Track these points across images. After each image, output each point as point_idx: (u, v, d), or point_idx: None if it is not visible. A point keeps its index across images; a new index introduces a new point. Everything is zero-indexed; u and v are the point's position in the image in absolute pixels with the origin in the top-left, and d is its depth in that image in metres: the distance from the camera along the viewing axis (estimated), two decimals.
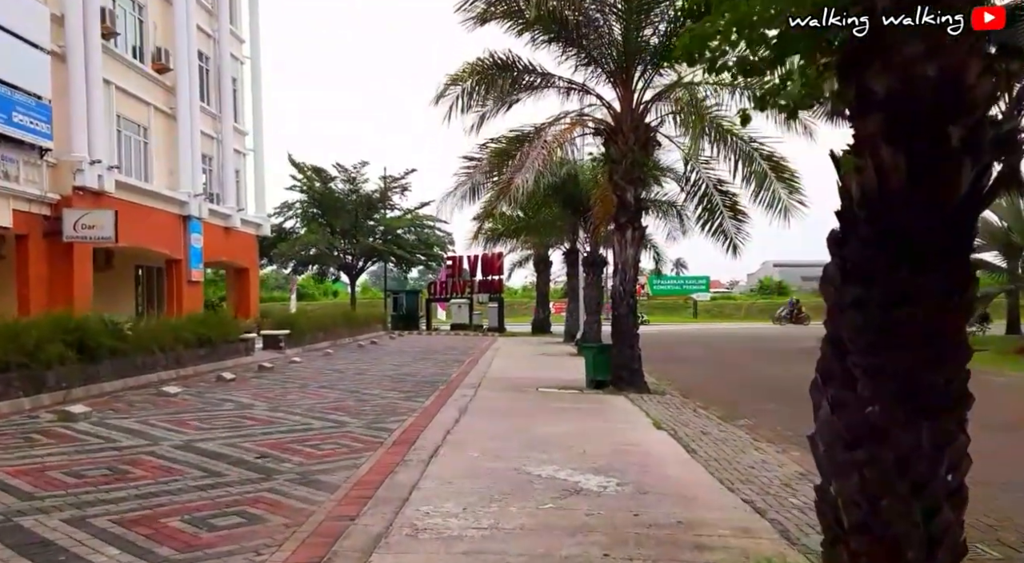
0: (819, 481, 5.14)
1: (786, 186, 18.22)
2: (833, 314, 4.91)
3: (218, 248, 35.44)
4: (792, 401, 17.77)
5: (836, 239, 4.82)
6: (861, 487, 4.66)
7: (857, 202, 4.60)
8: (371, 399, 15.28)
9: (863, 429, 4.65)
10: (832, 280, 4.88)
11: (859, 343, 4.65)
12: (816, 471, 5.27)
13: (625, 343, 17.86)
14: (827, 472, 4.97)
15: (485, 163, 18.61)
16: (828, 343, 4.97)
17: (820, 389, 5.07)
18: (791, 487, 8.55)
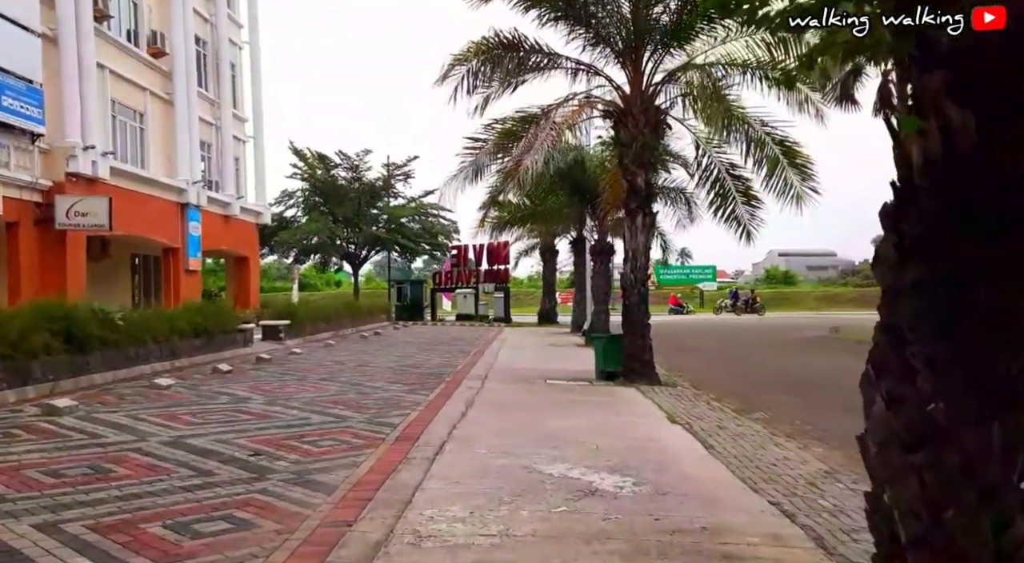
0: (870, 487, 4.59)
1: (798, 172, 17.66)
2: (888, 298, 4.38)
3: (217, 237, 35.00)
4: (806, 392, 17.49)
5: (891, 213, 4.30)
6: (921, 495, 4.13)
7: (918, 169, 4.08)
8: (373, 392, 14.79)
9: (924, 428, 4.12)
10: (887, 260, 4.34)
11: (920, 330, 4.12)
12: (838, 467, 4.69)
13: (636, 333, 17.36)
14: (881, 478, 4.43)
15: (491, 144, 18.05)
16: (882, 331, 4.44)
17: (872, 383, 4.54)
18: (818, 487, 8.05)
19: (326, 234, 52.91)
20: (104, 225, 23.00)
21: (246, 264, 39.57)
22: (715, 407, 14.06)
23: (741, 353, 28.98)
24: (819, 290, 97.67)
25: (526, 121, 17.57)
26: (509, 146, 17.52)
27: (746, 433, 11.23)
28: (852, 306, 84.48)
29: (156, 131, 30.72)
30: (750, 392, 16.96)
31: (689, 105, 18.07)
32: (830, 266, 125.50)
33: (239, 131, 39.63)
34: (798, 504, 7.27)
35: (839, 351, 29.48)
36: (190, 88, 32.58)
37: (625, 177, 17.61)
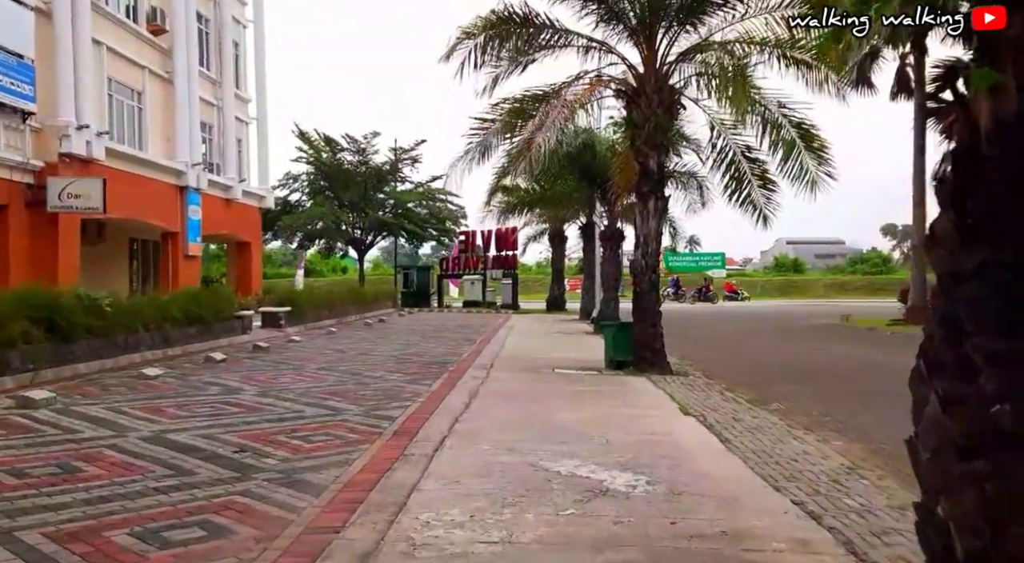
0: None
1: (814, 156, 17.06)
2: (945, 285, 3.87)
3: (218, 221, 34.55)
4: (820, 382, 16.99)
5: (951, 187, 3.78)
6: (981, 508, 3.62)
7: (987, 134, 3.57)
8: (373, 383, 14.33)
9: (985, 433, 3.62)
10: (945, 241, 3.84)
11: (984, 322, 3.61)
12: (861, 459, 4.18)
13: (647, 321, 16.87)
14: (934, 487, 3.92)
15: (499, 124, 17.47)
16: (938, 323, 3.94)
17: (925, 381, 4.01)
18: (842, 484, 7.56)
19: (331, 219, 52.37)
20: (98, 208, 22.52)
21: (248, 249, 39.10)
22: (728, 398, 13.59)
23: (752, 341, 28.53)
24: (828, 278, 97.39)
25: (536, 99, 16.99)
26: (518, 125, 16.94)
27: (763, 426, 10.75)
28: (861, 294, 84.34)
29: (155, 111, 30.22)
30: (763, 382, 16.51)
31: (704, 85, 17.49)
32: (838, 254, 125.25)
33: (242, 112, 39.12)
34: (823, 504, 6.79)
35: (850, 339, 29.08)
36: (191, 67, 32.04)
37: (637, 159, 17.08)
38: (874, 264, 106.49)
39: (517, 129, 16.87)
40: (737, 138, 18.43)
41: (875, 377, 17.87)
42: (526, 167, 15.79)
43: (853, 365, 20.47)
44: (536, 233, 50.67)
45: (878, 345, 26.41)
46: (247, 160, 39.73)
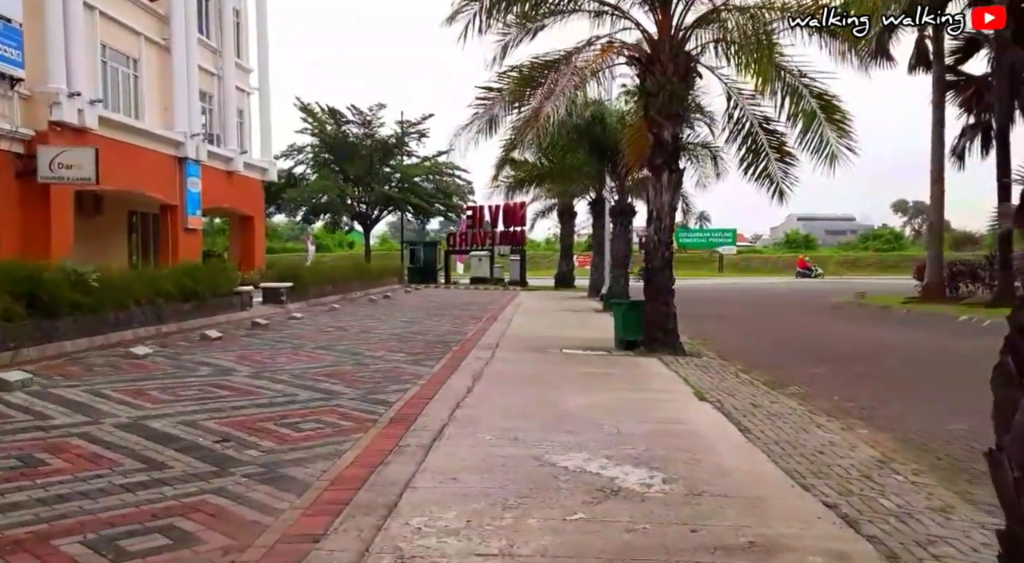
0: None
1: (835, 129, 16.39)
2: None
3: (219, 193, 33.93)
4: (839, 363, 16.37)
5: None
6: None
7: None
8: (372, 363, 13.72)
9: None
10: None
11: None
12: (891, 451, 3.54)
13: (659, 300, 16.26)
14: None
15: (506, 93, 16.78)
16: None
17: (1014, 382, 3.34)
18: (874, 481, 6.97)
19: (336, 192, 51.68)
20: (90, 178, 21.86)
21: (251, 223, 38.49)
22: (745, 381, 13.03)
23: (766, 320, 27.99)
24: (839, 254, 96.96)
25: (545, 67, 16.28)
26: (527, 94, 16.25)
27: (783, 412, 10.15)
28: (873, 271, 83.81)
29: (152, 79, 29.54)
30: (779, 363, 16.02)
31: (723, 52, 16.80)
32: (848, 231, 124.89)
33: (243, 82, 38.42)
34: (857, 506, 6.18)
35: (866, 318, 28.47)
36: (189, 34, 31.30)
37: (651, 130, 16.42)
38: (886, 241, 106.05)
39: (525, 98, 16.17)
40: (755, 109, 17.79)
41: (895, 358, 17.29)
42: (533, 137, 15.12)
43: (871, 345, 19.87)
44: (545, 208, 50.10)
45: (895, 324, 25.81)
46: (249, 132, 39.07)
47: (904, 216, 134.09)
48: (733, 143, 18.03)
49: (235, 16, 37.68)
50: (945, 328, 23.89)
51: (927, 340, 20.89)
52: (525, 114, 15.73)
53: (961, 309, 28.25)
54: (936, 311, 28.64)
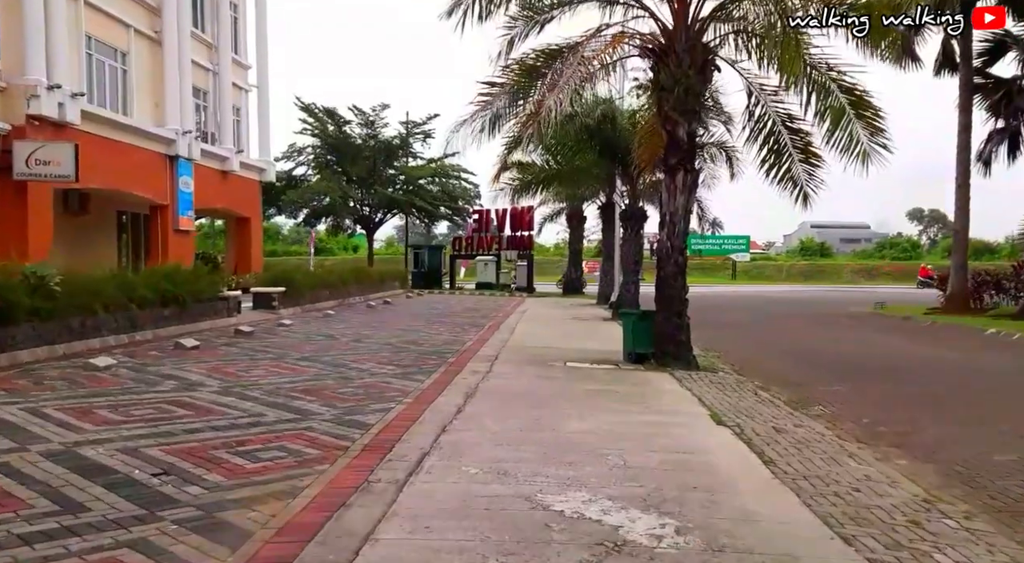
0: None
1: (867, 126, 15.33)
2: None
3: (213, 194, 32.99)
4: (863, 379, 15.27)
5: None
6: None
7: None
8: (357, 377, 12.69)
9: None
10: None
11: None
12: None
13: (671, 310, 15.21)
14: None
15: (509, 87, 15.74)
16: None
17: None
18: (924, 529, 6.00)
19: (338, 194, 50.68)
20: (69, 176, 20.88)
21: (247, 225, 37.51)
22: (764, 399, 12.03)
23: (781, 330, 26.92)
24: (855, 263, 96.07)
25: (550, 57, 15.27)
26: (531, 85, 15.21)
27: (810, 438, 9.13)
28: (890, 280, 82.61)
29: (141, 74, 28.59)
30: (800, 379, 15.02)
31: (743, 44, 15.79)
32: (863, 239, 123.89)
33: (240, 79, 37.50)
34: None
35: (888, 329, 27.41)
36: (182, 27, 30.36)
37: (665, 127, 15.38)
38: (903, 249, 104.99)
39: (532, 92, 15.09)
40: (777, 106, 16.73)
41: (925, 375, 16.24)
42: (535, 132, 14.01)
43: (896, 360, 18.81)
44: (553, 212, 49.09)
45: (919, 336, 24.71)
46: (246, 130, 38.15)
47: (920, 225, 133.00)
48: (753, 143, 16.95)
49: (232, 10, 36.79)
50: (973, 342, 22.80)
51: (955, 354, 19.82)
52: (528, 108, 14.65)
53: (987, 321, 27.17)
54: (961, 323, 27.54)
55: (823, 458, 8.14)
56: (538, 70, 15.14)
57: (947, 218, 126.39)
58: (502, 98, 16.21)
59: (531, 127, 13.79)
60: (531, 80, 15.17)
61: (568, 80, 13.43)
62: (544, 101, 13.28)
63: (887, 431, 10.20)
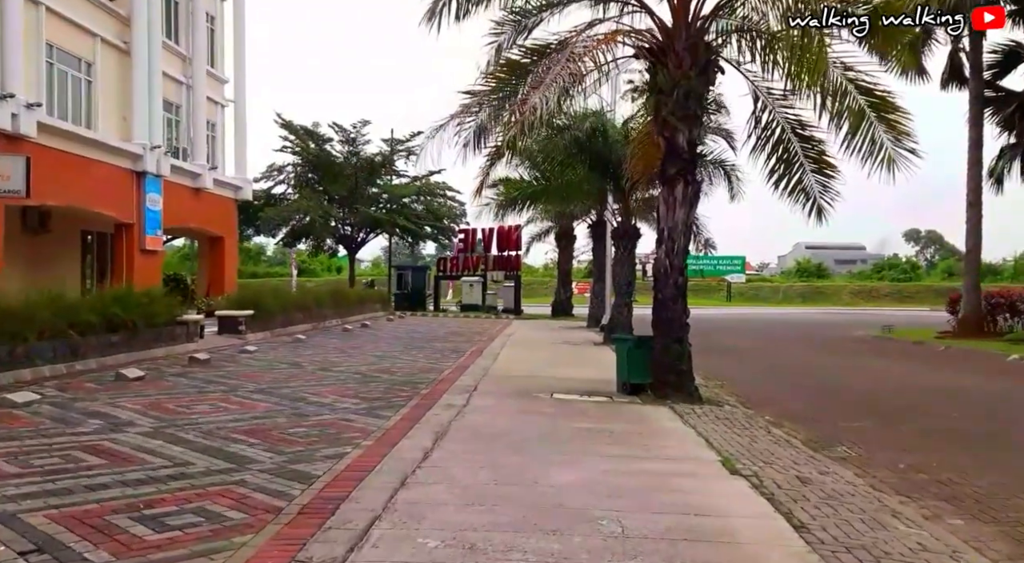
0: None
1: (890, 129, 14.04)
2: None
3: (184, 212, 31.56)
4: (889, 413, 13.88)
5: None
6: None
7: None
8: (314, 413, 11.26)
9: None
10: None
11: None
12: None
13: (670, 336, 13.83)
14: None
15: (492, 90, 14.34)
16: None
17: None
18: None
19: (317, 213, 49.16)
20: (19, 191, 19.39)
21: (221, 245, 35.96)
22: (779, 438, 10.66)
23: (786, 356, 25.56)
24: (854, 284, 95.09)
25: (538, 54, 13.93)
26: (517, 85, 13.82)
27: (842, 492, 7.75)
28: (889, 302, 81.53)
29: (108, 85, 27.18)
30: (815, 412, 13.72)
31: (747, 46, 14.52)
32: (858, 260, 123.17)
33: (216, 93, 36.12)
34: None
35: (901, 355, 26.06)
36: (153, 38, 28.96)
37: (663, 134, 14.06)
38: (902, 270, 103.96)
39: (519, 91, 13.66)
40: (787, 112, 15.47)
41: (953, 408, 14.83)
42: (519, 134, 12.58)
43: (918, 390, 17.45)
44: (541, 231, 47.81)
45: (936, 363, 23.35)
46: (222, 146, 36.73)
47: (917, 245, 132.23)
48: (760, 152, 15.68)
49: (209, 22, 35.47)
50: (996, 369, 21.44)
51: (979, 384, 18.44)
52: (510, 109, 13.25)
53: (1006, 347, 25.83)
54: (978, 348, 26.24)
55: (863, 519, 6.77)
56: (524, 68, 13.78)
57: (944, 239, 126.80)
58: (486, 109, 14.85)
59: (514, 128, 12.35)
60: (516, 80, 13.77)
61: (556, 77, 12.06)
62: (528, 99, 11.90)
63: (929, 480, 8.81)
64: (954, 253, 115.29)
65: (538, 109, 11.69)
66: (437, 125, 14.47)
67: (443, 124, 14.41)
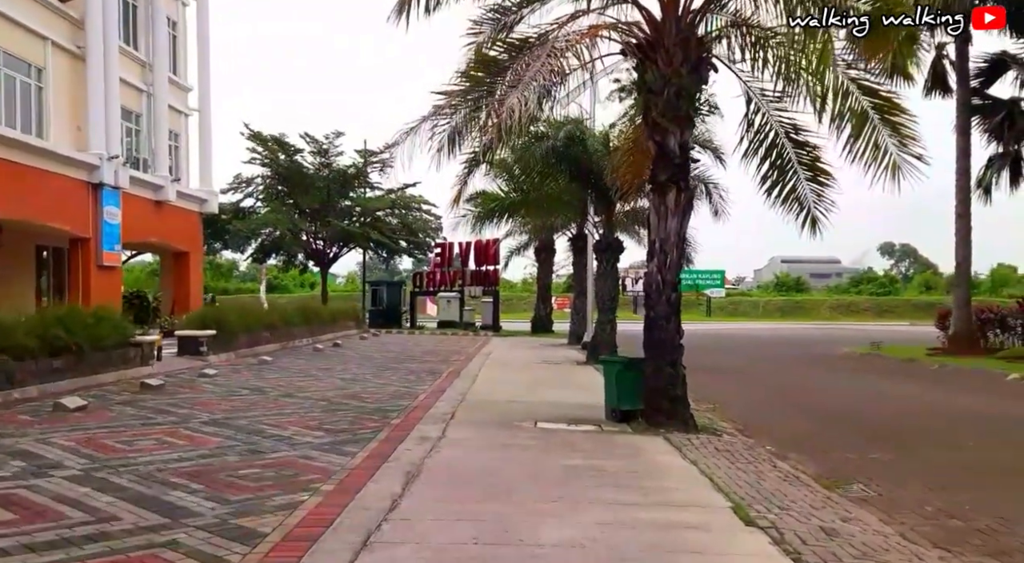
0: None
1: (894, 133, 13.07)
2: None
3: (145, 226, 30.29)
4: (902, 441, 12.86)
5: None
6: None
7: None
8: (271, 449, 10.10)
9: None
10: None
11: None
12: None
13: (663, 358, 12.79)
14: None
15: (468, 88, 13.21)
16: None
17: None
18: None
19: (286, 226, 47.75)
20: None
21: (185, 260, 34.64)
22: (788, 475, 9.64)
23: (777, 375, 24.58)
24: (833, 299, 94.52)
25: (517, 49, 12.85)
26: (493, 83, 12.68)
27: (873, 545, 6.76)
28: (869, 316, 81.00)
29: (61, 92, 25.94)
30: (820, 440, 12.69)
31: (737, 43, 13.51)
32: (833, 274, 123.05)
33: (180, 102, 34.91)
34: None
35: (895, 373, 25.08)
36: (110, 43, 27.70)
37: (652, 137, 13.03)
38: (881, 284, 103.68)
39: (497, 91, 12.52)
40: (781, 114, 14.45)
41: (966, 434, 13.80)
42: (495, 137, 11.47)
43: (922, 413, 16.47)
44: (520, 245, 46.82)
45: (933, 382, 22.37)
46: (186, 157, 35.47)
47: (891, 259, 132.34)
48: (753, 157, 14.68)
49: (171, 27, 34.29)
50: (997, 390, 20.43)
51: (985, 406, 17.43)
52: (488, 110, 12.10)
53: (1002, 365, 24.90)
54: (973, 366, 25.28)
55: None
56: (501, 65, 12.69)
57: (918, 252, 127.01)
58: (461, 110, 13.73)
59: (491, 132, 11.25)
60: (493, 78, 12.64)
61: (536, 74, 10.98)
62: (506, 99, 10.80)
63: (966, 528, 7.75)
64: (928, 267, 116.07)
65: (516, 111, 10.59)
66: (408, 128, 13.36)
67: (414, 127, 13.31)
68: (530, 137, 23.28)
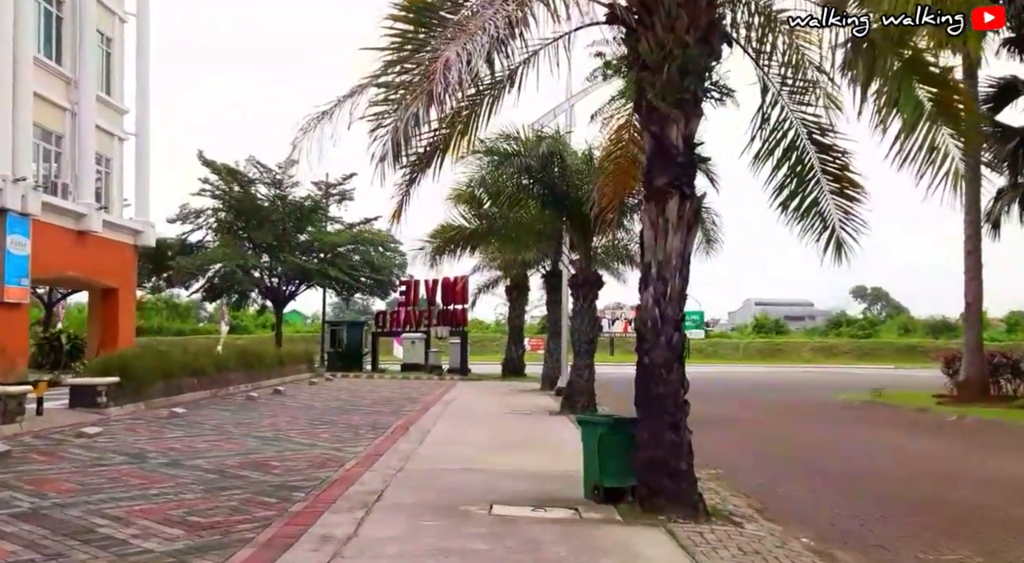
0: None
1: (956, 132, 10.02)
2: None
3: (64, 258, 26.90)
4: (974, 532, 9.18)
5: None
6: None
7: None
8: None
9: None
10: None
11: None
12: None
13: (663, 419, 9.50)
14: None
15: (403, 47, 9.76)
16: None
17: None
18: None
19: (236, 262, 44.14)
20: None
21: (114, 297, 31.13)
22: None
23: (781, 428, 21.47)
24: (814, 341, 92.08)
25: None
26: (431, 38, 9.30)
27: None
28: (850, 359, 78.52)
29: None
30: (874, 528, 9.63)
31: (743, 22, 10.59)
32: (807, 316, 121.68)
33: (112, 124, 31.64)
34: None
35: (910, 426, 21.92)
36: (21, 52, 24.61)
37: (648, 127, 9.85)
38: (860, 327, 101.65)
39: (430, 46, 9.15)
40: (804, 110, 11.34)
41: None
42: (426, 105, 8.08)
43: (976, 482, 13.23)
44: (489, 282, 43.66)
45: (963, 440, 19.25)
46: (119, 185, 32.13)
47: (863, 302, 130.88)
48: (767, 160, 11.56)
49: (104, 44, 31.14)
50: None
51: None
52: (419, 71, 8.70)
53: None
54: (998, 418, 22.23)
55: None
56: (439, 12, 9.32)
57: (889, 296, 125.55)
58: (392, 76, 10.24)
59: (419, 100, 7.87)
60: (430, 30, 9.27)
61: (487, 22, 7.69)
62: (445, 54, 7.49)
63: None
64: (900, 310, 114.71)
65: (455, 67, 7.28)
66: (314, 116, 9.94)
67: (326, 112, 9.88)
68: (499, 156, 20.32)
